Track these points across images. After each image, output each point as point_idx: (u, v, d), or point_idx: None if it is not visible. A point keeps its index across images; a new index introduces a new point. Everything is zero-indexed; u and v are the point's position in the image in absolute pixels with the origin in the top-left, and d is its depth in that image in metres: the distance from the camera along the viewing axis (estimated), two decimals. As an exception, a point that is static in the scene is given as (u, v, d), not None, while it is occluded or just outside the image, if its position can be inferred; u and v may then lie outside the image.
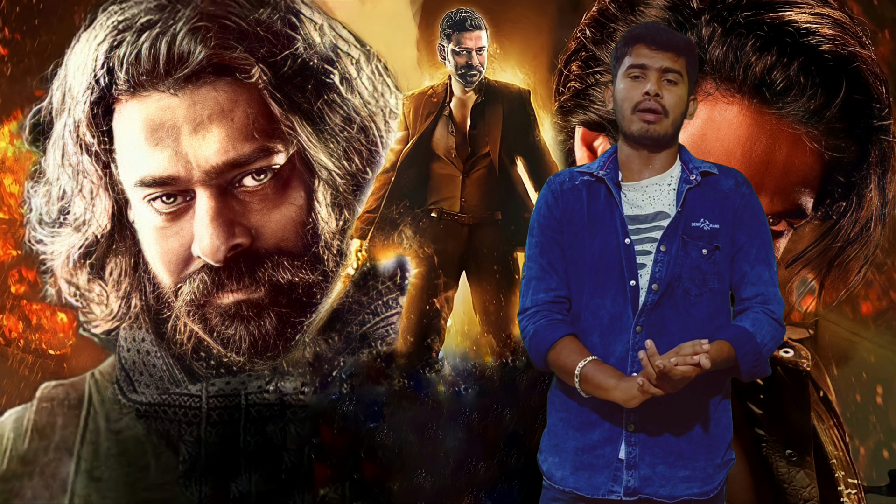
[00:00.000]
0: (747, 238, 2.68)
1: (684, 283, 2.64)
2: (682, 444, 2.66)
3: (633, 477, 2.65)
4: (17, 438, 3.99)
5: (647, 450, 2.65)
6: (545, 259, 2.71)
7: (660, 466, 2.65)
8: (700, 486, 2.67)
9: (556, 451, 2.72)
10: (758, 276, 2.68)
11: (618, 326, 2.64)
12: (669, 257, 2.63)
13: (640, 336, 2.62)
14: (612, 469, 2.65)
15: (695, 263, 2.64)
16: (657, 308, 2.63)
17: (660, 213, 2.67)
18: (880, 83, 3.48)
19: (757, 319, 2.65)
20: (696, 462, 2.66)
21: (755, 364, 2.63)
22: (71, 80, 3.84)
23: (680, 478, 2.65)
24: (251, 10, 3.79)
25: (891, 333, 4.40)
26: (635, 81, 2.64)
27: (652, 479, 2.65)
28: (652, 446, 2.65)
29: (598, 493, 2.66)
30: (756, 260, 2.68)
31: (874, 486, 3.96)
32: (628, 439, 2.65)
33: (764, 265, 2.68)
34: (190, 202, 3.79)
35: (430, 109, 3.74)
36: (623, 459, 2.65)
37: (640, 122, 2.63)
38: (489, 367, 3.73)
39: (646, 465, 2.65)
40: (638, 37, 2.67)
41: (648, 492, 2.65)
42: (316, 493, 3.76)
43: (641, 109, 2.63)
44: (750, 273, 2.68)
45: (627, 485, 2.65)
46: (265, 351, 3.84)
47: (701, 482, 2.67)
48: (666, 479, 2.65)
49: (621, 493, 2.65)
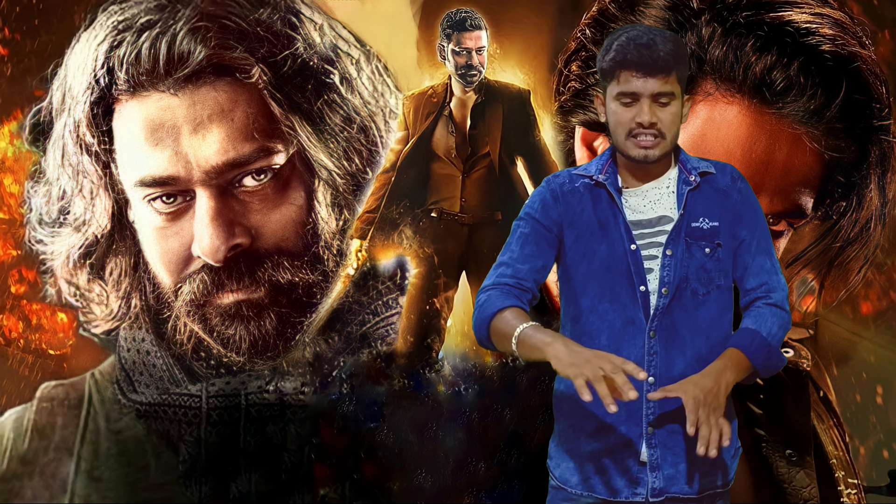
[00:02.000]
0: (748, 232, 2.68)
1: (692, 284, 2.63)
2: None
3: (657, 478, 2.63)
4: (17, 438, 3.99)
5: (668, 450, 2.63)
6: (525, 249, 2.68)
7: (682, 465, 2.63)
8: (721, 478, 2.67)
9: (570, 456, 2.69)
10: (759, 267, 2.68)
11: (630, 331, 2.63)
12: (676, 261, 2.63)
13: (654, 341, 2.62)
14: (634, 472, 2.63)
15: (699, 263, 2.65)
16: (668, 312, 2.63)
17: (663, 217, 2.66)
18: (880, 83, 3.48)
19: (758, 315, 2.65)
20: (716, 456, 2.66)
21: (768, 357, 2.63)
22: (71, 80, 3.84)
23: (703, 473, 2.65)
24: (251, 10, 3.79)
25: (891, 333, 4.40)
26: (628, 108, 2.59)
27: (676, 477, 2.63)
28: (672, 445, 2.63)
29: (620, 497, 2.64)
30: (757, 251, 2.68)
31: (874, 486, 3.96)
32: (649, 441, 2.62)
33: (765, 255, 2.69)
34: (190, 202, 3.79)
35: (430, 109, 3.74)
36: (646, 462, 2.63)
37: (636, 147, 2.60)
38: (489, 367, 3.73)
39: (669, 465, 2.63)
40: (624, 63, 2.58)
41: (675, 490, 2.63)
42: (316, 493, 3.76)
43: (635, 136, 2.59)
44: (752, 264, 2.68)
45: (653, 486, 2.63)
46: (265, 351, 3.84)
47: (722, 474, 2.68)
48: (690, 476, 2.64)
49: (647, 495, 2.63)
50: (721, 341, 2.65)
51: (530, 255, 2.68)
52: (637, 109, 2.59)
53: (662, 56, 2.58)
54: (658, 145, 2.60)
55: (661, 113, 2.59)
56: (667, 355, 2.62)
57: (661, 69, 2.58)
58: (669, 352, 2.62)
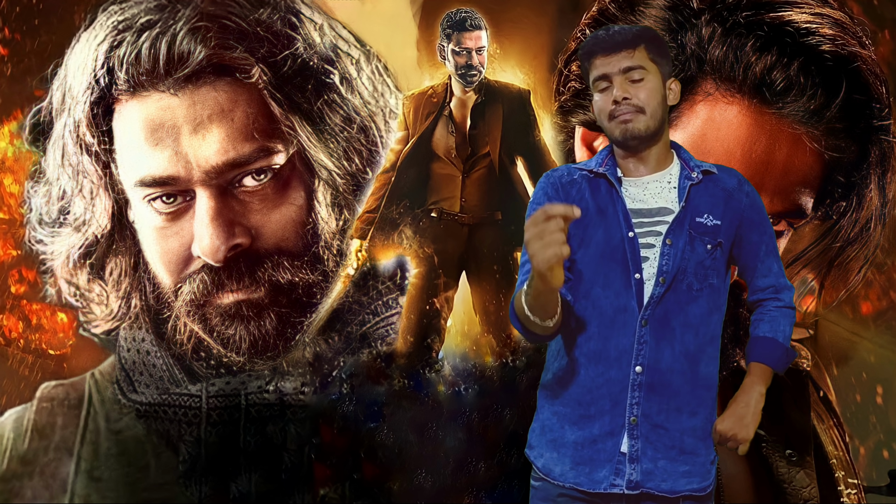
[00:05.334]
0: (758, 235, 2.73)
1: (688, 278, 2.66)
2: (684, 439, 2.67)
3: (635, 470, 2.65)
4: (17, 438, 3.99)
5: (650, 444, 2.65)
6: None
7: (661, 461, 2.66)
8: (699, 482, 2.69)
9: (554, 447, 2.72)
10: (768, 269, 2.74)
11: (621, 319, 2.66)
12: (676, 251, 2.65)
13: (645, 330, 2.64)
14: (614, 463, 2.66)
15: (699, 259, 2.67)
16: (662, 302, 2.65)
17: (663, 208, 2.69)
18: (880, 83, 3.48)
19: (772, 319, 2.72)
20: (697, 457, 2.68)
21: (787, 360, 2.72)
22: (71, 80, 3.84)
23: (681, 472, 2.67)
24: (251, 10, 3.79)
25: (891, 333, 4.40)
26: (604, 93, 2.67)
27: (654, 473, 2.66)
28: (654, 440, 2.66)
29: (600, 488, 2.66)
30: (766, 254, 2.74)
31: (874, 486, 3.96)
32: (631, 432, 2.65)
33: (773, 258, 2.75)
34: (190, 202, 3.79)
35: (430, 109, 3.74)
36: (625, 453, 2.65)
37: (618, 126, 2.67)
38: (489, 367, 3.73)
39: (648, 460, 2.66)
40: (591, 52, 2.69)
41: (650, 486, 2.66)
42: (316, 493, 3.76)
43: (615, 116, 2.66)
44: (761, 266, 2.73)
45: (630, 478, 2.65)
46: (265, 351, 3.84)
47: (700, 477, 2.69)
48: (667, 473, 2.66)
49: (623, 487, 2.65)
50: (708, 340, 2.68)
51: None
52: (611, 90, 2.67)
53: (619, 33, 2.69)
54: (637, 118, 2.66)
55: (634, 89, 2.66)
56: (656, 346, 2.65)
57: (620, 45, 2.67)
58: (659, 343, 2.65)
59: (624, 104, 2.65)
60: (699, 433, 2.68)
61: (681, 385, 2.65)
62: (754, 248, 2.72)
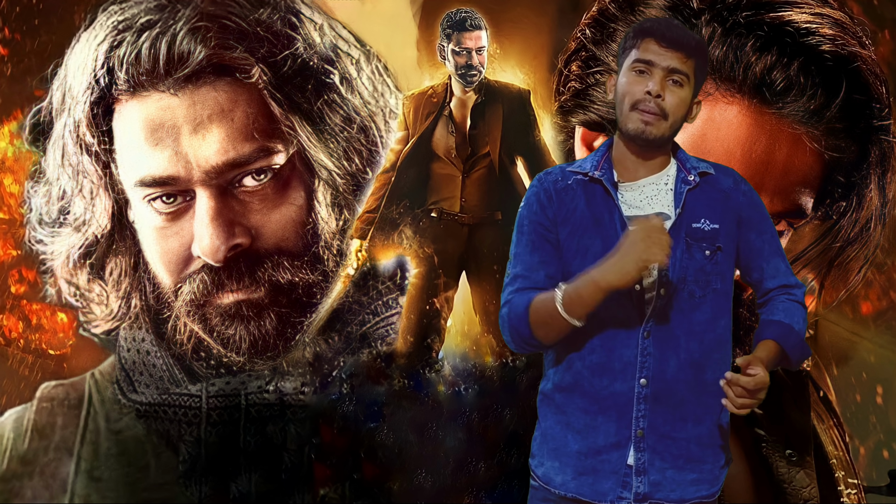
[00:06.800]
0: (758, 235, 2.68)
1: (689, 286, 2.62)
2: (691, 447, 2.63)
3: (642, 483, 2.61)
4: (17, 438, 3.99)
5: (657, 455, 2.62)
6: (536, 257, 2.67)
7: (669, 471, 2.62)
8: (708, 489, 2.66)
9: (556, 456, 2.67)
10: (776, 269, 2.69)
11: (623, 330, 2.62)
12: (675, 260, 2.60)
13: (648, 342, 2.61)
14: (621, 475, 2.62)
15: (699, 265, 2.63)
16: (663, 312, 2.61)
17: (659, 214, 2.65)
18: (880, 83, 3.48)
19: (787, 308, 2.66)
20: (704, 465, 2.65)
21: (802, 352, 2.65)
22: (71, 80, 3.84)
23: (689, 481, 2.63)
24: (251, 10, 3.79)
25: (891, 333, 4.40)
26: (639, 76, 2.58)
27: (662, 483, 2.62)
28: (661, 451, 2.62)
29: (605, 500, 2.62)
30: (770, 254, 2.69)
31: (874, 486, 3.96)
32: (637, 445, 2.61)
33: (778, 257, 2.70)
34: (190, 202, 3.79)
35: (430, 109, 3.74)
36: (632, 465, 2.62)
37: (637, 120, 2.58)
38: (489, 367, 3.73)
39: (655, 471, 2.62)
40: (648, 31, 2.60)
41: (659, 496, 2.62)
42: (316, 493, 3.76)
43: (641, 109, 2.58)
44: (767, 267, 2.68)
45: (637, 490, 2.61)
46: (265, 351, 3.84)
47: (709, 484, 2.66)
48: (676, 483, 2.62)
49: (631, 499, 2.62)
50: (714, 346, 2.64)
51: (542, 261, 2.67)
52: (648, 79, 2.58)
53: (685, 34, 2.61)
54: (658, 123, 2.59)
55: (670, 93, 2.59)
56: (661, 357, 2.61)
57: (682, 46, 2.59)
58: (664, 353, 2.61)
59: (655, 101, 2.57)
60: (706, 440, 2.65)
61: (686, 394, 2.61)
62: (757, 247, 2.67)
